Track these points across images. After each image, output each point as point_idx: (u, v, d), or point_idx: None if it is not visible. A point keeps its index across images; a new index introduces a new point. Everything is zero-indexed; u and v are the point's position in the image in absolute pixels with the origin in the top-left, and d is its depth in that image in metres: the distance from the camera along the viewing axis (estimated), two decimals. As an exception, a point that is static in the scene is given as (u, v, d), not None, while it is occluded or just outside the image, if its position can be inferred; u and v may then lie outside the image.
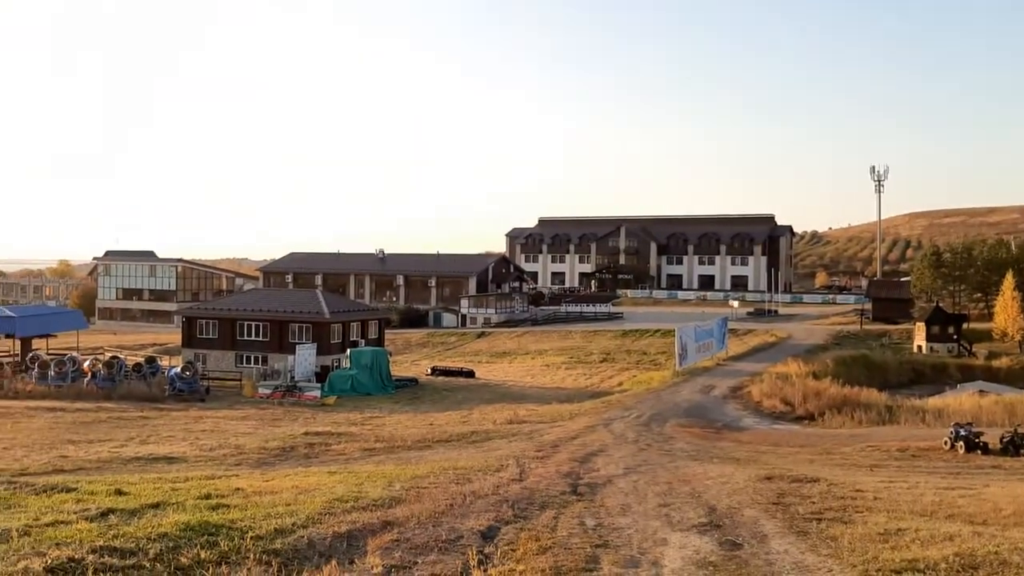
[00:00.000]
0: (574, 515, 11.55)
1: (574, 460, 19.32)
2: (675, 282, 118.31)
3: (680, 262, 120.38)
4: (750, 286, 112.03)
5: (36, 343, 57.59)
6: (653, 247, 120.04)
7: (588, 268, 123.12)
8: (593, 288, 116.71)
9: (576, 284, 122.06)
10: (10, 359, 52.59)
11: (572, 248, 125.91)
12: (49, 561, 7.55)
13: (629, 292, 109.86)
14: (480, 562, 8.48)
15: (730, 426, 31.10)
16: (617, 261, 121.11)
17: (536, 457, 19.91)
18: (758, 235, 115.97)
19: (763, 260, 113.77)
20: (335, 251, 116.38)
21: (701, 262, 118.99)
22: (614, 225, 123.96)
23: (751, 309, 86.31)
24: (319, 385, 47.46)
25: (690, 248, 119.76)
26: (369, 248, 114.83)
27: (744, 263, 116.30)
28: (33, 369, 47.38)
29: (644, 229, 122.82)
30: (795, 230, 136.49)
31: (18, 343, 56.86)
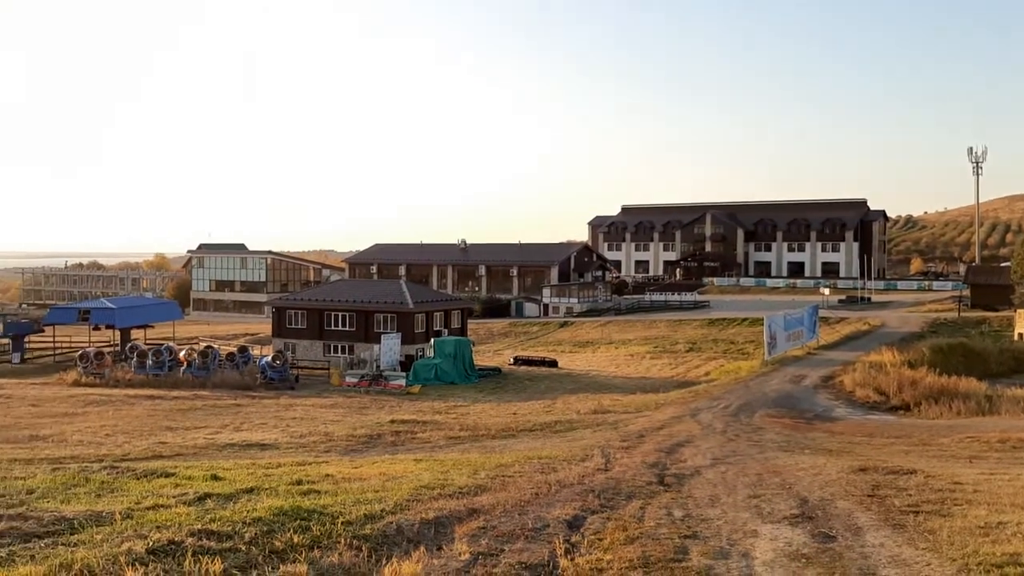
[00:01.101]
0: (661, 506, 11.40)
1: (660, 450, 19.11)
2: (763, 269, 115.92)
3: (768, 249, 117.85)
4: (841, 273, 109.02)
5: (135, 333, 60.00)
6: (740, 234, 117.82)
7: (673, 256, 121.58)
8: (678, 276, 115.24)
9: (660, 272, 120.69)
10: (111, 349, 54.80)
11: (656, 236, 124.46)
12: (151, 543, 7.80)
13: (715, 280, 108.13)
14: (567, 551, 8.43)
15: (821, 416, 30.32)
16: (703, 248, 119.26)
17: (622, 447, 19.77)
18: (850, 220, 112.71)
19: (855, 246, 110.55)
20: (418, 242, 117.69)
21: (790, 249, 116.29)
22: (699, 212, 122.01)
23: (843, 297, 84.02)
24: (404, 374, 48.08)
25: (779, 234, 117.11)
26: (451, 239, 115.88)
27: (835, 249, 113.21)
28: (132, 358, 49.24)
29: (731, 215, 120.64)
30: (888, 215, 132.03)
31: (118, 333, 59.28)
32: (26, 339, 60.30)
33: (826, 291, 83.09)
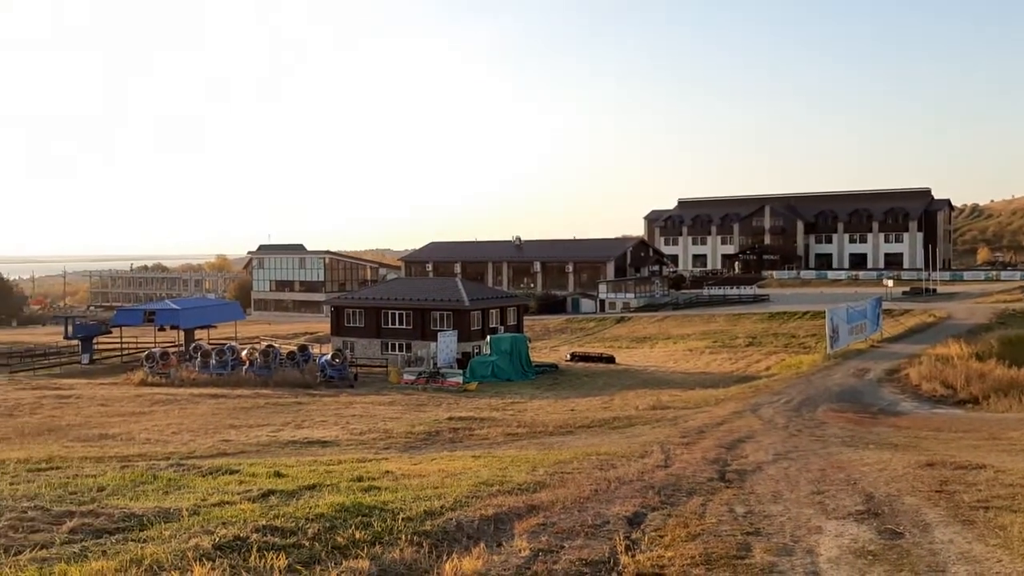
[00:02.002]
0: (723, 502, 11.26)
1: (721, 446, 18.88)
2: (824, 262, 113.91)
3: (829, 240, 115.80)
4: (905, 264, 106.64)
5: (198, 333, 61.21)
6: (800, 226, 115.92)
7: (731, 249, 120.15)
8: (737, 270, 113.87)
9: (719, 266, 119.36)
10: (176, 349, 56.01)
11: (714, 229, 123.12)
12: (217, 539, 7.95)
13: (775, 273, 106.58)
14: (627, 548, 8.37)
15: (886, 411, 29.69)
16: (762, 241, 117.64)
17: (681, 443, 19.58)
18: (913, 210, 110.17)
19: (919, 236, 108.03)
20: (473, 239, 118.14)
21: (852, 240, 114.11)
22: (758, 204, 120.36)
23: (907, 288, 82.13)
24: (461, 371, 48.33)
25: (840, 226, 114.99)
26: (506, 236, 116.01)
27: (898, 240, 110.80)
28: (196, 358, 50.24)
29: (790, 207, 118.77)
30: (953, 204, 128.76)
31: (182, 334, 60.57)
32: (95, 340, 61.88)
33: (889, 283, 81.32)
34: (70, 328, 63.05)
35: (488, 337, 53.02)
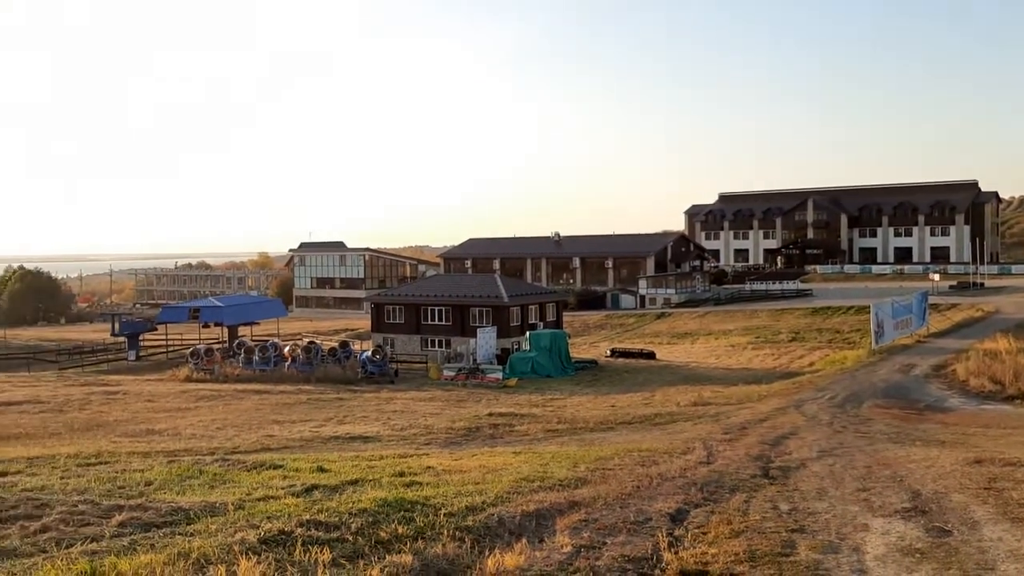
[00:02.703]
0: (766, 499, 11.15)
1: (764, 443, 18.70)
2: (868, 256, 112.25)
3: (874, 234, 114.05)
4: (952, 258, 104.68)
5: (241, 330, 61.98)
6: (844, 219, 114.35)
7: (773, 244, 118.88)
8: (779, 265, 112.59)
9: (761, 261, 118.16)
10: (220, 346, 56.79)
11: (755, 224, 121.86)
12: (262, 533, 8.04)
13: (818, 268, 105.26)
14: (670, 544, 8.31)
15: (933, 407, 29.17)
16: (805, 236, 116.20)
17: (724, 439, 19.42)
18: (960, 203, 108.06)
19: (966, 229, 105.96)
20: (511, 236, 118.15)
21: (897, 234, 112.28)
22: (800, 198, 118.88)
23: (953, 282, 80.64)
24: (500, 367, 48.39)
25: (884, 219, 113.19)
26: (545, 232, 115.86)
27: (945, 233, 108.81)
28: (240, 354, 50.90)
29: (833, 201, 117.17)
30: (1001, 196, 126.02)
31: (226, 331, 61.38)
32: (141, 337, 62.93)
33: (936, 277, 79.88)
34: (117, 325, 64.21)
35: (527, 333, 53.02)
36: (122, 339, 62.48)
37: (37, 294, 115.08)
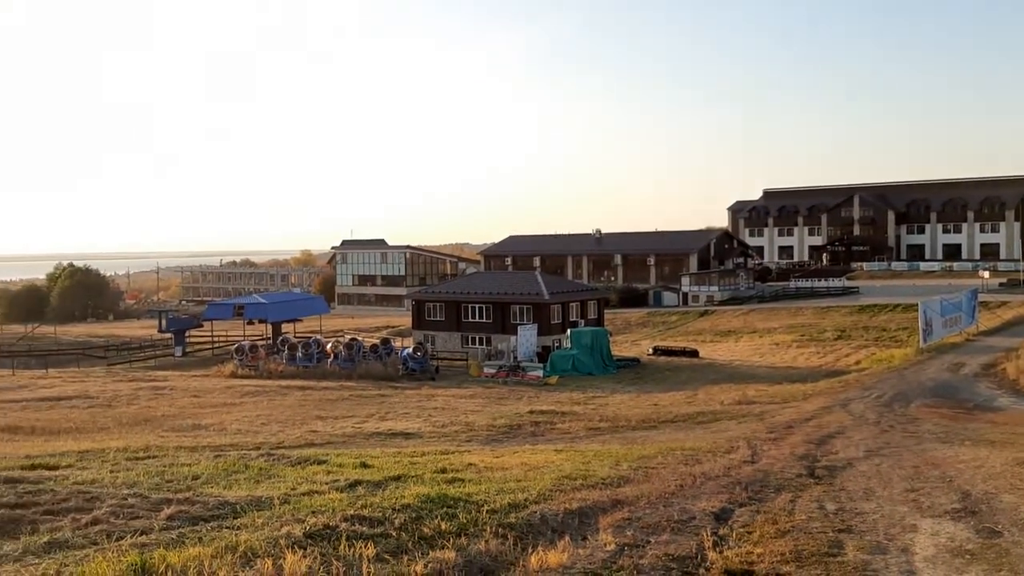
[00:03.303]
0: (812, 498, 11.01)
1: (810, 442, 18.47)
2: (916, 253, 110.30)
3: (921, 231, 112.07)
4: (1002, 255, 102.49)
5: (285, 327, 62.59)
6: (891, 216, 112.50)
7: (818, 241, 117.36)
8: (824, 262, 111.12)
9: (806, 258, 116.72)
10: (264, 342, 57.46)
11: (800, 220, 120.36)
12: (307, 527, 8.12)
13: (864, 265, 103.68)
14: (715, 543, 8.24)
15: (983, 406, 28.58)
16: (851, 232, 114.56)
17: (768, 439, 19.22)
18: (1010, 198, 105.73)
19: (1016, 226, 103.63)
20: (552, 233, 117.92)
21: (945, 230, 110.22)
22: (846, 194, 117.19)
23: (1004, 280, 78.94)
24: (541, 365, 48.32)
25: (932, 215, 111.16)
26: (586, 229, 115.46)
27: (995, 230, 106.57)
28: (283, 351, 51.44)
29: (880, 197, 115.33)
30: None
31: (270, 327, 62.08)
32: (187, 334, 63.91)
33: (985, 274, 78.23)
34: (164, 322, 65.23)
35: (568, 331, 52.89)
36: (169, 335, 63.44)
37: (86, 291, 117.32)
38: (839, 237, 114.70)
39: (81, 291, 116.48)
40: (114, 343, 69.77)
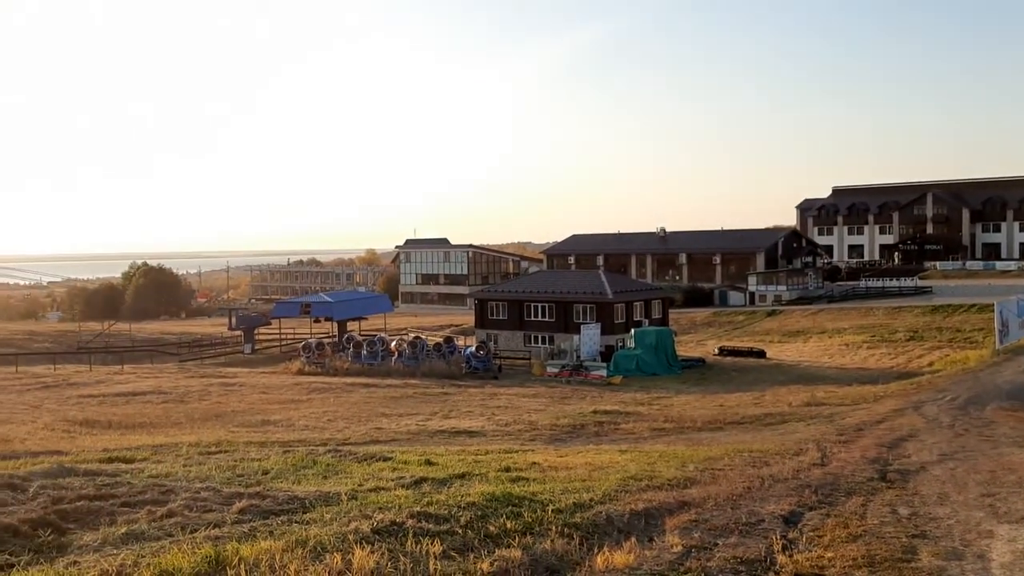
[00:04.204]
0: (884, 503, 10.77)
1: (881, 445, 18.05)
2: (992, 251, 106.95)
3: (997, 229, 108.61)
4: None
5: (350, 325, 63.44)
6: (965, 214, 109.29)
7: (890, 240, 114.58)
8: (896, 261, 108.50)
9: (876, 257, 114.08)
10: (330, 340, 58.31)
11: (871, 218, 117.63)
12: (375, 523, 8.22)
13: (938, 264, 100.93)
14: (784, 547, 8.11)
15: (1064, 411, 27.59)
16: (923, 231, 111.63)
17: (838, 441, 18.84)
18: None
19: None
20: (615, 231, 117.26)
21: (1023, 228, 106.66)
22: (919, 192, 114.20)
23: (1085, 279, 76.18)
24: (605, 364, 48.08)
25: (1009, 213, 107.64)
26: (650, 227, 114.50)
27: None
28: (349, 349, 52.13)
29: (954, 194, 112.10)
30: None
31: (336, 325, 62.99)
32: (256, 331, 65.17)
33: (1066, 273, 75.62)
34: (234, 320, 66.68)
35: (632, 330, 52.53)
36: (238, 333, 64.76)
37: (160, 289, 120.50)
38: (911, 236, 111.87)
39: (155, 289, 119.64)
40: (186, 340, 71.50)
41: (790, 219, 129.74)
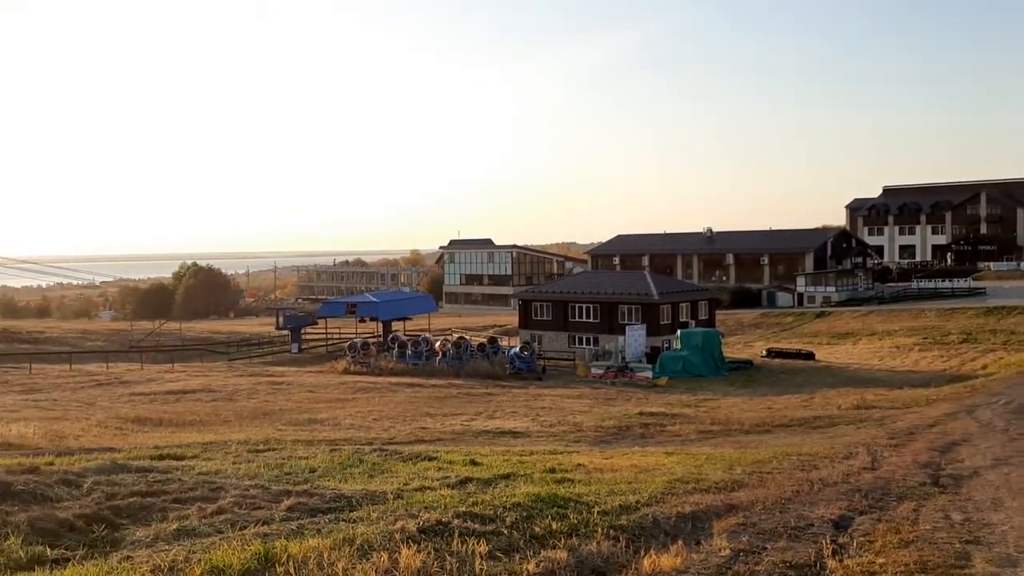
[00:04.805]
0: (937, 508, 10.55)
1: (933, 449, 17.68)
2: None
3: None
4: None
5: (395, 325, 63.89)
6: (1020, 214, 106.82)
7: (942, 240, 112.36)
8: (949, 262, 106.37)
9: (928, 258, 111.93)
10: (375, 340, 58.79)
11: (923, 218, 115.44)
12: (421, 523, 8.25)
13: (992, 265, 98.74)
14: (834, 552, 7.98)
15: (1125, 416, 26.81)
16: (977, 231, 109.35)
17: (889, 445, 18.50)
18: None
19: None
20: (661, 231, 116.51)
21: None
22: (972, 191, 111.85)
23: None
24: (650, 366, 47.78)
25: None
26: (696, 227, 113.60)
27: None
28: (394, 349, 52.51)
29: (1008, 194, 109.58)
30: None
31: (381, 325, 63.47)
32: (303, 331, 65.91)
33: None
34: (281, 319, 67.50)
35: (678, 331, 52.15)
36: (285, 332, 65.54)
37: (209, 289, 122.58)
38: (964, 236, 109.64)
39: (204, 289, 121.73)
40: (235, 339, 72.56)
41: (840, 219, 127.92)
